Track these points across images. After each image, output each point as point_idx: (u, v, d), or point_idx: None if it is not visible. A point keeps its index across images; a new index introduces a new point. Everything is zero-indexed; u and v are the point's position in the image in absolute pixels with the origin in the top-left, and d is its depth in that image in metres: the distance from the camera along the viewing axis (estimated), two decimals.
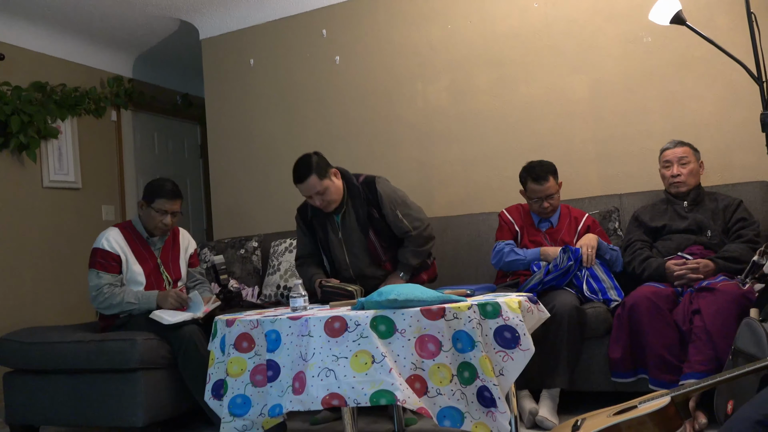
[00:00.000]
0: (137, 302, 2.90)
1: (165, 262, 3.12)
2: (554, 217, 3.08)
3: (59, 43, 4.69)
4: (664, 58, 3.38)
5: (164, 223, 3.03)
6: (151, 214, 3.02)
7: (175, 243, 3.22)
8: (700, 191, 2.94)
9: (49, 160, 4.56)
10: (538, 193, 3.00)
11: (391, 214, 2.93)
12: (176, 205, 3.06)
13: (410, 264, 3.00)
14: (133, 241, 3.05)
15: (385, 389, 1.95)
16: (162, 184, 3.07)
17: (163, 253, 3.13)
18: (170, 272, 3.12)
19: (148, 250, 3.08)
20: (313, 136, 4.24)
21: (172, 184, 3.09)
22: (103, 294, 2.91)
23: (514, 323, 2.10)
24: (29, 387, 2.89)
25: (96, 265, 2.96)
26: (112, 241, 2.99)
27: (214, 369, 2.38)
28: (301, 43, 4.29)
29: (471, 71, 3.81)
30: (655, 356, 2.47)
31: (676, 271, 2.66)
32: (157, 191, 3.03)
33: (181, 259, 3.21)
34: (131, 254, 3.02)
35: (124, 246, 3.01)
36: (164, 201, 3.02)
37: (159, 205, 3.01)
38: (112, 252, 2.96)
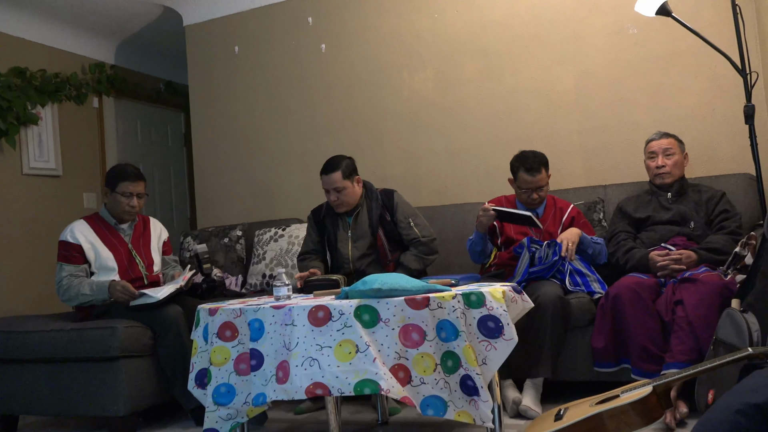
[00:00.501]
0: (91, 293, 2.86)
1: (137, 248, 3.09)
2: (540, 208, 3.09)
3: (39, 27, 4.60)
4: (650, 50, 3.39)
5: (131, 205, 3.01)
6: (117, 198, 3.01)
7: (146, 230, 3.19)
8: (684, 183, 2.95)
9: (29, 147, 4.49)
10: (529, 183, 3.00)
11: (403, 221, 3.12)
12: (140, 186, 3.04)
13: (410, 268, 3.02)
14: (100, 229, 3.03)
15: (369, 378, 1.95)
16: (123, 168, 3.06)
17: (134, 239, 3.10)
18: (142, 257, 3.09)
19: (117, 237, 3.06)
20: (297, 125, 4.21)
21: (132, 166, 3.08)
22: (63, 286, 2.90)
23: (498, 313, 2.10)
24: (8, 376, 2.85)
25: (59, 257, 2.96)
26: (76, 231, 2.98)
27: (197, 358, 2.36)
28: (287, 30, 4.25)
29: (457, 61, 3.79)
30: (637, 346, 2.49)
31: (659, 262, 2.67)
32: (119, 175, 3.02)
33: (153, 245, 3.18)
34: (99, 242, 2.99)
35: (89, 235, 2.99)
36: (127, 183, 3.00)
37: (123, 188, 2.99)
38: (73, 243, 2.95)
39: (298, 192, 4.19)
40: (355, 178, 3.13)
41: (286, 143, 4.25)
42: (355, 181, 3.12)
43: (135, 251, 3.08)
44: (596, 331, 2.64)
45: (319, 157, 4.08)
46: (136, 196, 3.02)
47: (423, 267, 3.09)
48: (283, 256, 3.72)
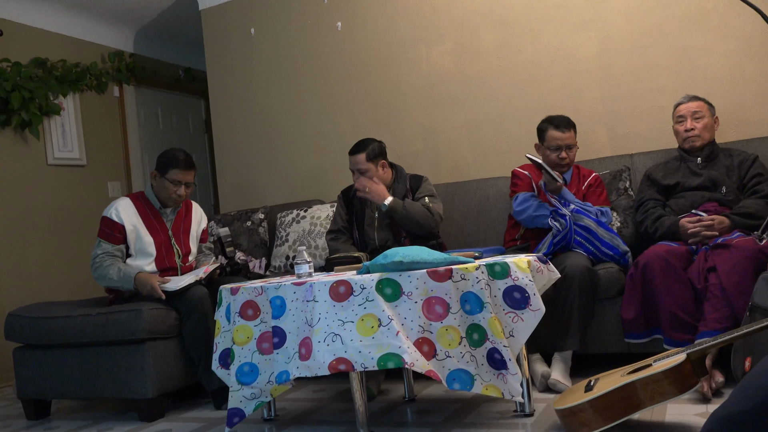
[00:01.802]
0: (118, 279, 2.85)
1: (176, 234, 3.07)
2: (567, 174, 3.01)
3: (58, 18, 4.62)
4: (675, 13, 3.27)
5: (178, 194, 2.98)
6: (165, 184, 2.97)
7: (188, 215, 3.17)
8: (714, 147, 2.85)
9: (53, 137, 4.53)
10: (558, 140, 2.93)
11: (420, 197, 3.09)
12: (190, 175, 3.00)
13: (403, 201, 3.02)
14: (144, 211, 3.00)
15: (393, 352, 1.92)
16: (175, 155, 2.99)
17: (175, 224, 3.08)
18: (180, 245, 3.07)
19: (159, 221, 3.03)
20: (316, 105, 4.18)
21: (185, 154, 3.02)
22: (96, 262, 2.90)
23: (523, 283, 2.05)
24: (39, 361, 2.88)
25: (100, 232, 2.95)
26: (121, 210, 2.95)
27: (220, 338, 2.36)
28: (302, 10, 4.20)
29: (475, 32, 3.71)
30: (668, 315, 2.42)
31: (690, 229, 2.59)
32: (171, 162, 2.96)
33: (192, 233, 3.16)
34: (141, 224, 2.97)
35: (133, 216, 2.97)
36: (178, 171, 2.95)
37: (172, 176, 2.95)
38: (117, 222, 2.92)
39: (319, 172, 4.16)
40: (381, 162, 3.09)
41: (305, 124, 4.22)
42: (380, 165, 3.09)
43: (174, 239, 3.05)
44: (626, 302, 2.57)
45: (338, 137, 4.07)
46: (184, 185, 2.98)
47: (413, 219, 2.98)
48: (305, 237, 3.70)
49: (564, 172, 3.01)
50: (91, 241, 4.64)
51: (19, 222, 4.25)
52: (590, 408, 1.87)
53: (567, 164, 2.98)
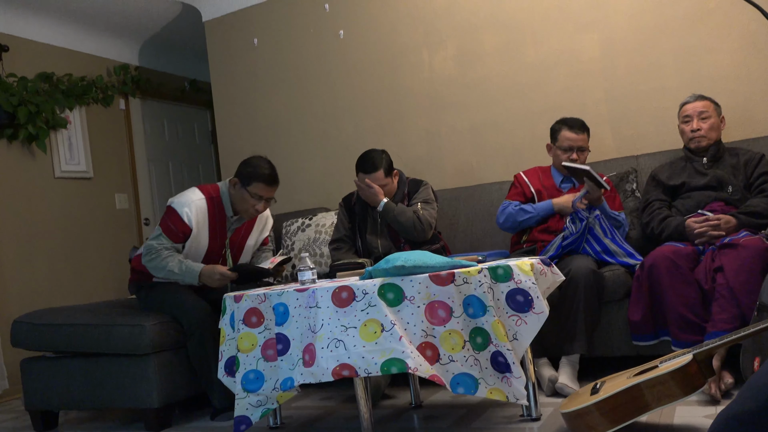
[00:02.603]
0: (180, 273, 2.73)
1: (232, 246, 2.94)
2: None
3: (63, 32, 4.67)
4: (677, 12, 3.25)
5: (257, 209, 2.83)
6: (244, 196, 2.80)
7: (251, 223, 3.01)
8: (720, 147, 2.83)
9: (60, 150, 4.56)
10: (571, 141, 2.92)
11: (415, 202, 3.08)
12: (273, 191, 2.84)
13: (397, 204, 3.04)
14: (213, 216, 2.84)
15: (396, 357, 1.91)
16: (261, 167, 2.80)
17: (234, 235, 2.94)
18: (233, 257, 2.95)
19: (222, 229, 2.88)
20: (319, 112, 4.19)
21: (270, 167, 2.84)
22: (153, 251, 2.76)
23: (526, 286, 2.04)
24: (46, 372, 2.89)
25: (164, 225, 2.79)
26: (193, 213, 2.78)
27: (225, 346, 2.35)
28: (305, 18, 4.22)
29: (477, 36, 3.71)
30: (676, 316, 2.39)
31: (697, 229, 2.56)
32: (255, 175, 2.78)
33: (249, 244, 3.01)
34: (206, 230, 2.83)
35: (202, 221, 2.82)
36: (262, 186, 2.79)
37: (255, 190, 2.78)
38: (187, 224, 2.77)
39: (323, 180, 4.17)
40: (394, 173, 3.11)
41: (309, 131, 4.23)
42: (394, 176, 3.11)
43: (229, 248, 2.92)
44: (632, 304, 2.55)
45: (341, 143, 4.07)
46: (265, 200, 2.83)
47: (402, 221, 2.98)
48: (311, 245, 3.70)
49: None
50: (99, 253, 4.71)
51: (27, 235, 4.27)
52: (596, 411, 1.84)
53: None
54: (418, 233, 2.99)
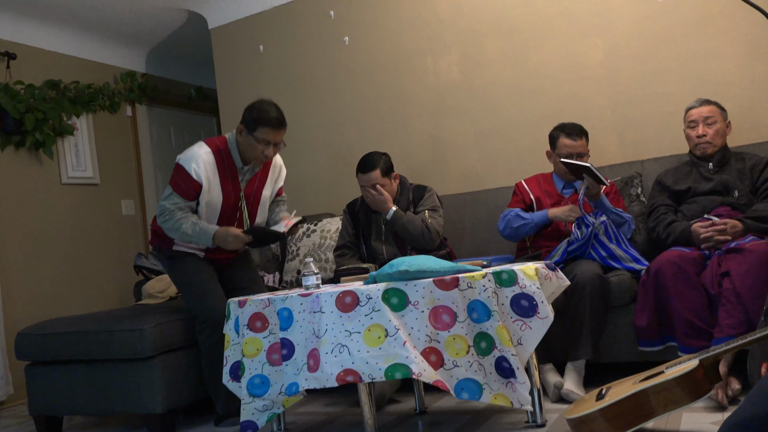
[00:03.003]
0: (193, 234, 2.67)
1: (247, 197, 2.83)
2: (578, 182, 2.99)
3: (70, 40, 4.70)
4: (681, 17, 3.25)
5: (265, 154, 2.71)
6: (252, 143, 2.69)
7: (264, 173, 2.90)
8: (726, 152, 2.82)
9: (67, 157, 4.58)
10: (569, 148, 2.92)
11: (421, 211, 3.08)
12: (281, 135, 2.72)
13: (404, 213, 3.05)
14: (222, 167, 2.74)
15: (400, 363, 1.90)
16: (266, 110, 2.69)
17: (248, 186, 2.83)
18: (249, 212, 2.85)
19: (235, 181, 2.78)
20: (324, 118, 4.20)
21: (276, 110, 2.73)
22: (166, 212, 2.69)
23: (531, 291, 2.03)
24: (50, 378, 2.89)
25: (173, 184, 2.71)
26: (201, 167, 2.68)
27: (230, 351, 2.35)
28: (310, 25, 4.23)
29: (481, 42, 3.71)
30: (682, 322, 2.38)
31: (703, 234, 2.55)
32: (261, 119, 2.67)
33: (265, 195, 2.90)
34: (217, 183, 2.73)
35: (212, 174, 2.72)
36: (268, 131, 2.67)
37: (262, 135, 2.67)
38: (196, 180, 2.68)
39: (327, 185, 4.17)
40: (393, 175, 3.13)
41: (313, 137, 4.24)
42: (393, 178, 3.13)
43: (244, 202, 2.81)
44: (638, 309, 2.53)
45: (346, 149, 4.08)
46: (273, 145, 2.71)
47: (411, 229, 2.99)
48: (316, 251, 3.70)
49: (574, 180, 2.99)
50: (105, 259, 4.72)
51: (34, 241, 4.29)
52: (601, 417, 1.83)
53: None
54: (426, 242, 2.99)
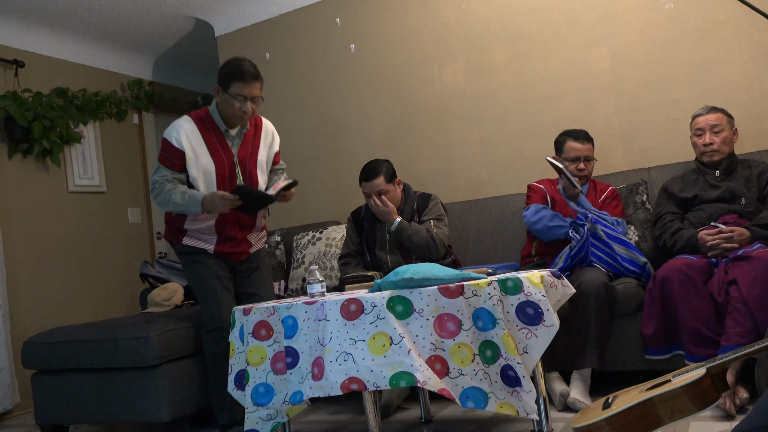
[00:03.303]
0: (183, 203, 2.61)
1: (242, 161, 2.76)
2: (584, 188, 2.99)
3: (78, 48, 4.73)
4: (688, 24, 3.24)
5: (243, 110, 2.64)
6: (228, 101, 2.64)
7: (256, 138, 2.82)
8: (733, 160, 2.80)
9: (74, 165, 4.60)
10: (577, 151, 2.94)
11: (427, 220, 3.08)
12: (256, 88, 2.66)
13: (410, 223, 3.04)
14: (207, 133, 2.69)
15: (405, 371, 1.89)
16: (238, 65, 2.64)
17: (241, 150, 2.76)
18: (245, 174, 2.77)
19: (224, 145, 2.72)
20: (330, 126, 4.20)
21: (249, 64, 2.67)
22: (156, 186, 2.67)
23: (536, 299, 2.02)
24: (56, 387, 2.89)
25: (159, 157, 2.71)
26: (182, 134, 2.65)
27: (235, 359, 2.35)
28: (316, 33, 4.25)
29: (487, 50, 3.72)
30: (689, 330, 2.36)
31: (709, 241, 2.54)
32: (233, 74, 2.62)
33: (260, 158, 2.83)
34: (204, 149, 2.68)
35: (195, 139, 2.67)
36: (241, 85, 2.61)
37: (236, 90, 2.62)
38: (177, 148, 2.64)
39: (333, 193, 4.18)
40: (396, 181, 3.13)
41: (319, 144, 4.24)
42: (397, 184, 3.13)
43: (239, 166, 2.75)
44: (645, 317, 2.52)
45: (351, 157, 4.08)
46: (249, 100, 2.65)
47: (417, 240, 2.97)
48: (321, 259, 3.70)
49: (582, 184, 2.98)
50: (112, 267, 4.73)
51: (41, 248, 4.31)
52: (607, 426, 1.82)
53: (585, 176, 2.97)
54: (431, 252, 2.99)
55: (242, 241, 2.89)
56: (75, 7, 4.17)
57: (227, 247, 2.83)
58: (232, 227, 2.80)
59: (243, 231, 2.87)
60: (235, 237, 2.84)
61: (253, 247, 2.98)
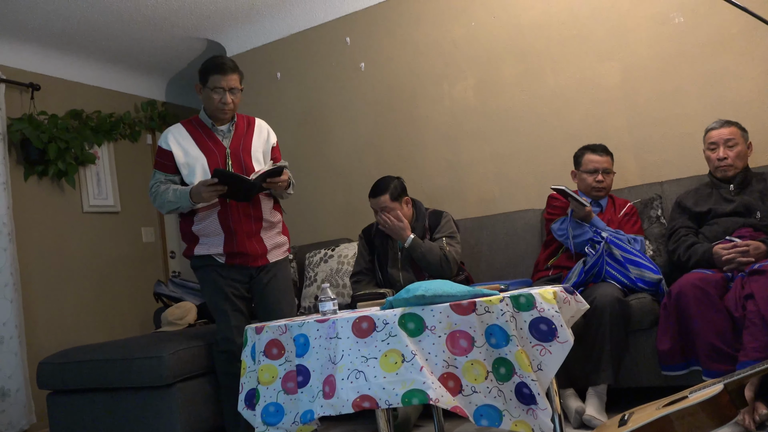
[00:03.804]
0: (175, 200, 2.67)
1: (234, 153, 2.77)
2: (603, 201, 2.98)
3: (92, 71, 4.80)
4: (699, 38, 3.24)
5: (223, 102, 2.70)
6: (208, 95, 2.71)
7: (249, 132, 2.86)
8: (747, 173, 2.78)
9: (88, 185, 4.65)
10: (595, 162, 2.94)
11: (439, 238, 3.05)
12: (232, 80, 2.71)
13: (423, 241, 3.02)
14: (196, 133, 2.77)
15: (417, 388, 1.87)
16: (213, 59, 2.72)
17: (233, 143, 2.78)
18: (238, 163, 2.76)
19: (214, 140, 2.77)
20: (341, 144, 4.22)
21: (226, 58, 2.75)
22: (152, 192, 2.76)
23: (549, 315, 2.00)
24: (71, 407, 2.90)
25: (155, 163, 2.80)
26: (170, 136, 2.75)
27: (246, 378, 2.34)
28: (326, 52, 4.29)
29: (497, 66, 3.73)
30: (706, 345, 2.33)
31: (725, 256, 2.51)
32: (209, 68, 2.70)
33: (255, 149, 2.83)
34: (193, 146, 2.73)
35: (183, 140, 2.74)
36: (218, 77, 2.68)
37: (213, 83, 2.68)
38: (166, 149, 2.73)
39: (345, 210, 4.18)
40: (404, 200, 3.10)
41: (331, 162, 4.26)
42: (404, 203, 3.10)
43: (231, 158, 2.76)
44: (661, 333, 2.49)
45: (362, 174, 4.09)
46: (228, 92, 2.70)
47: (431, 258, 2.96)
48: (333, 276, 3.70)
49: (600, 197, 2.97)
50: (126, 286, 4.76)
51: (56, 268, 4.34)
52: None
53: (604, 188, 2.96)
54: (444, 271, 2.97)
55: (253, 237, 2.80)
56: (90, 31, 4.25)
57: (236, 246, 2.76)
58: (236, 217, 2.75)
59: (250, 223, 2.79)
60: (242, 231, 2.76)
61: (270, 254, 2.88)
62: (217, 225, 2.75)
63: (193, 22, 4.37)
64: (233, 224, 2.75)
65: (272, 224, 2.90)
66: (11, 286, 3.83)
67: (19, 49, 4.28)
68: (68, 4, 3.86)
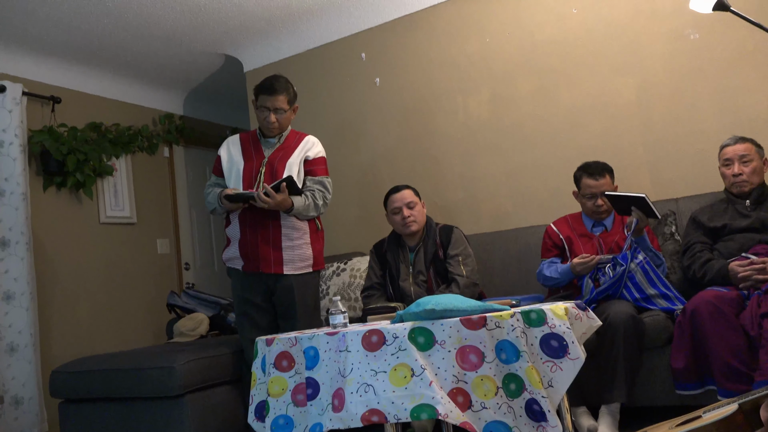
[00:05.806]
0: (213, 202, 2.92)
1: (269, 164, 2.90)
2: (608, 221, 2.95)
3: (112, 85, 4.87)
4: (714, 54, 3.22)
5: (268, 121, 2.87)
6: (258, 111, 2.92)
7: (294, 146, 2.97)
8: (763, 189, 2.76)
9: (106, 197, 4.71)
10: (592, 188, 2.90)
11: (453, 257, 3.05)
12: (277, 101, 2.86)
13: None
14: (247, 141, 3.00)
15: (426, 403, 1.87)
16: (266, 80, 2.91)
17: (274, 153, 2.94)
18: (271, 172, 2.87)
19: (258, 150, 2.95)
20: (355, 158, 4.24)
21: (275, 78, 2.90)
22: (206, 191, 3.00)
23: (560, 331, 1.98)
24: (82, 416, 2.92)
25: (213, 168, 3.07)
26: (224, 144, 3.03)
27: (256, 390, 2.34)
28: (342, 68, 4.32)
29: (511, 82, 3.73)
30: (721, 364, 2.29)
31: (741, 273, 2.48)
32: (259, 88, 2.90)
33: (292, 161, 2.92)
34: (239, 153, 2.96)
35: (234, 148, 2.99)
36: (264, 97, 2.87)
37: (260, 102, 2.88)
38: (218, 154, 3.01)
39: (358, 224, 4.19)
40: (422, 202, 3.21)
41: (345, 177, 4.28)
42: (422, 204, 3.20)
43: (266, 166, 2.90)
44: (675, 350, 2.46)
45: (377, 189, 4.10)
46: (273, 111, 2.86)
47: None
48: (345, 290, 3.70)
49: (603, 219, 2.95)
50: (141, 297, 4.80)
51: (72, 278, 4.39)
52: None
53: (605, 211, 2.93)
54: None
55: (269, 243, 2.86)
56: (110, 45, 4.32)
57: (249, 247, 2.85)
58: (254, 221, 2.87)
59: (267, 227, 2.85)
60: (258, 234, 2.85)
61: (287, 265, 2.88)
62: (238, 227, 2.91)
63: (212, 38, 4.42)
64: (249, 227, 2.88)
65: (295, 233, 2.91)
66: (27, 295, 3.87)
67: (41, 63, 4.36)
68: (90, 19, 3.93)
